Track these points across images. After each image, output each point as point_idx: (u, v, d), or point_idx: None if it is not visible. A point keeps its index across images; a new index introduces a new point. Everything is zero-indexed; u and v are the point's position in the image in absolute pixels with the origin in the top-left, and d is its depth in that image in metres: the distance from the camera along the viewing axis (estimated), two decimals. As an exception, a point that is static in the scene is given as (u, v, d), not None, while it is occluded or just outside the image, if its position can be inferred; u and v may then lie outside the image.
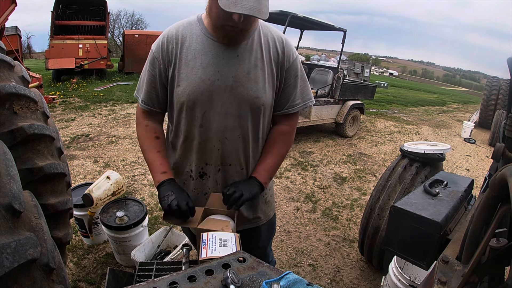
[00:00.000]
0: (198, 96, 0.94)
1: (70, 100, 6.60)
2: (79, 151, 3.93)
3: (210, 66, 0.93)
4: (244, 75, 0.95)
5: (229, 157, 1.03)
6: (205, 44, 0.94)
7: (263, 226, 1.22)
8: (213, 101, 0.95)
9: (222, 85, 0.94)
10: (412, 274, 1.72)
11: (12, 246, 0.51)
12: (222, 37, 0.91)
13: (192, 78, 0.93)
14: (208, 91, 0.94)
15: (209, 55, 0.94)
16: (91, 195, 1.92)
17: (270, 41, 1.00)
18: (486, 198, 0.71)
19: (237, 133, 1.00)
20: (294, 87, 1.05)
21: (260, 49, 0.97)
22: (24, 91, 0.98)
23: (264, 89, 0.98)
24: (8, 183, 0.58)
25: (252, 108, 0.98)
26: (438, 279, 0.75)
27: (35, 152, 1.03)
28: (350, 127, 5.81)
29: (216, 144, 1.00)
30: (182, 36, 0.96)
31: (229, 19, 0.83)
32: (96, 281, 1.89)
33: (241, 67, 0.95)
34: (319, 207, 3.11)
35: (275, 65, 1.00)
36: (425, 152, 1.98)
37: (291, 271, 0.62)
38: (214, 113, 0.96)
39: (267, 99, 0.99)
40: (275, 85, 1.02)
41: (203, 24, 0.96)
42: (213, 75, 0.93)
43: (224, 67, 0.94)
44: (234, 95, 0.95)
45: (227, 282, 0.57)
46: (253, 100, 0.97)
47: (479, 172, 4.78)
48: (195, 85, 0.93)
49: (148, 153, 1.03)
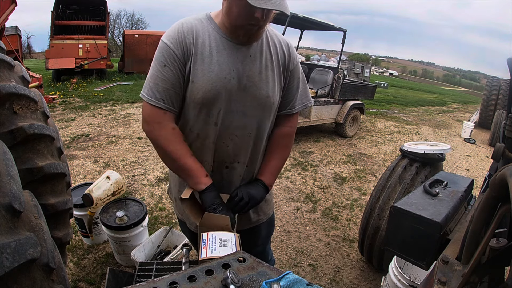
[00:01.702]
0: (215, 94, 0.93)
1: (70, 100, 6.60)
2: (79, 151, 3.93)
3: (226, 64, 0.93)
4: (256, 75, 0.96)
5: (238, 155, 1.04)
6: (219, 43, 0.94)
7: (263, 224, 1.23)
8: (229, 99, 0.95)
9: (237, 83, 0.94)
10: (412, 274, 1.72)
11: (12, 246, 0.51)
12: (242, 35, 0.91)
13: (209, 75, 0.92)
14: (225, 89, 0.93)
15: (224, 53, 0.93)
16: (91, 195, 1.92)
17: (277, 43, 1.02)
18: (486, 198, 0.71)
19: (247, 131, 1.01)
20: (296, 89, 1.08)
21: (269, 50, 0.99)
22: (24, 91, 0.98)
23: (274, 89, 1.00)
24: (8, 183, 0.58)
25: (264, 107, 1.00)
26: (438, 279, 0.75)
27: (35, 152, 1.03)
28: (350, 127, 5.81)
29: (226, 142, 1.00)
30: (197, 31, 0.94)
31: (251, 17, 0.84)
32: (96, 281, 1.89)
33: (254, 67, 0.96)
34: (319, 207, 3.11)
35: (282, 66, 1.03)
36: (425, 152, 1.98)
37: (291, 271, 0.62)
38: (229, 112, 0.96)
39: (276, 99, 1.02)
40: (282, 86, 1.05)
41: (215, 23, 0.96)
42: (229, 74, 0.93)
43: (239, 66, 0.94)
44: (248, 94, 0.96)
45: (227, 282, 0.57)
46: (265, 99, 0.98)
47: (479, 172, 4.78)
48: (212, 82, 0.92)
49: (185, 158, 0.96)
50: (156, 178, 3.35)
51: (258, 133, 1.03)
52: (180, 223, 1.31)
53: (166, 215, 2.69)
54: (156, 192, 3.07)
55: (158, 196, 2.99)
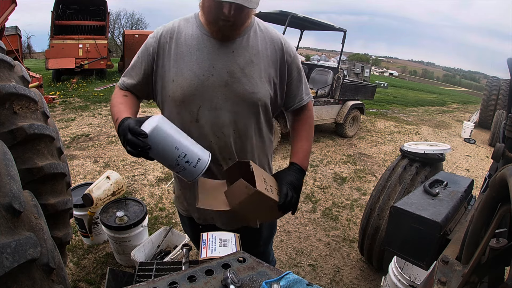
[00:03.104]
0: (192, 91, 0.94)
1: (70, 100, 6.60)
2: (79, 151, 3.93)
3: (204, 62, 0.94)
4: (239, 70, 0.96)
5: (225, 152, 1.03)
6: (200, 40, 0.95)
7: (265, 224, 1.23)
8: (208, 96, 0.95)
9: (217, 80, 0.95)
10: (412, 274, 1.72)
11: (12, 246, 0.51)
12: (216, 31, 0.93)
13: (187, 73, 0.94)
14: (202, 86, 0.94)
15: (204, 51, 0.95)
16: (91, 195, 1.92)
17: (267, 39, 1.01)
18: (486, 198, 0.71)
19: (232, 128, 1.00)
20: (300, 81, 1.09)
21: (256, 45, 0.98)
22: (24, 91, 0.98)
23: (260, 85, 0.99)
24: (8, 183, 0.58)
25: (249, 104, 0.99)
26: (438, 279, 0.75)
27: (35, 152, 1.03)
28: (350, 127, 5.81)
29: (213, 140, 1.00)
30: (178, 31, 0.97)
31: (221, 12, 0.85)
32: (96, 281, 1.89)
33: (236, 63, 0.96)
34: (319, 207, 3.11)
35: (273, 62, 1.01)
36: (425, 152, 1.98)
37: (291, 271, 0.62)
38: (209, 109, 0.97)
39: (263, 95, 1.00)
40: (274, 82, 1.03)
41: (199, 21, 0.98)
42: (208, 71, 0.94)
43: (218, 63, 0.95)
44: (230, 91, 0.96)
45: (227, 282, 0.57)
46: (249, 95, 0.97)
47: (479, 172, 4.78)
48: (189, 80, 0.94)
49: (117, 105, 1.01)
50: (156, 178, 3.35)
51: (244, 130, 1.02)
52: (183, 221, 1.30)
53: (166, 215, 2.69)
54: (156, 192, 3.07)
55: (158, 196, 2.99)
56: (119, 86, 1.07)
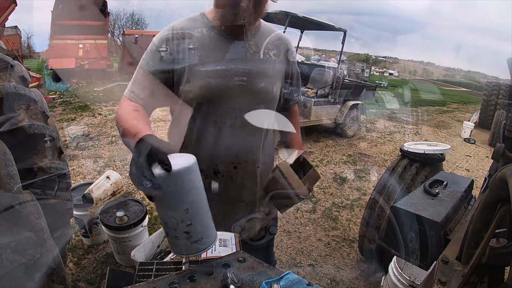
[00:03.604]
0: (211, 92, 0.92)
1: (70, 100, 6.61)
2: (79, 151, 3.93)
3: (221, 61, 0.92)
4: (255, 69, 0.95)
5: (244, 154, 1.01)
6: (213, 39, 0.93)
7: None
8: (227, 96, 0.93)
9: (235, 80, 0.93)
10: (412, 274, 1.71)
11: (12, 246, 0.51)
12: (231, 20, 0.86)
13: (204, 73, 0.91)
14: (221, 86, 0.92)
15: (218, 50, 0.93)
16: (91, 195, 1.92)
17: (275, 38, 1.02)
18: (486, 198, 0.71)
19: (252, 128, 0.98)
20: (298, 79, 1.15)
21: (267, 44, 0.99)
22: (24, 91, 0.98)
23: (274, 83, 1.00)
24: (8, 183, 0.58)
25: (265, 102, 0.99)
26: (438, 279, 0.75)
27: (35, 152, 1.03)
28: (350, 127, 5.81)
29: (232, 141, 0.98)
30: (188, 31, 0.93)
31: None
32: (96, 281, 1.89)
33: (252, 62, 0.95)
34: (319, 207, 3.11)
35: (281, 59, 1.03)
36: (425, 152, 1.98)
37: (291, 271, 0.62)
38: (228, 109, 0.94)
39: (277, 93, 1.02)
40: (283, 79, 1.06)
41: (208, 19, 0.95)
42: (226, 70, 0.92)
43: (235, 62, 0.93)
44: (247, 90, 0.94)
45: (227, 282, 0.57)
46: (266, 94, 0.98)
47: (479, 172, 4.78)
48: (207, 80, 0.91)
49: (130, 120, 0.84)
50: (156, 178, 3.35)
51: (261, 130, 1.02)
52: None
53: (166, 215, 2.69)
54: (156, 192, 3.06)
55: (158, 196, 2.99)
56: (129, 98, 0.95)
